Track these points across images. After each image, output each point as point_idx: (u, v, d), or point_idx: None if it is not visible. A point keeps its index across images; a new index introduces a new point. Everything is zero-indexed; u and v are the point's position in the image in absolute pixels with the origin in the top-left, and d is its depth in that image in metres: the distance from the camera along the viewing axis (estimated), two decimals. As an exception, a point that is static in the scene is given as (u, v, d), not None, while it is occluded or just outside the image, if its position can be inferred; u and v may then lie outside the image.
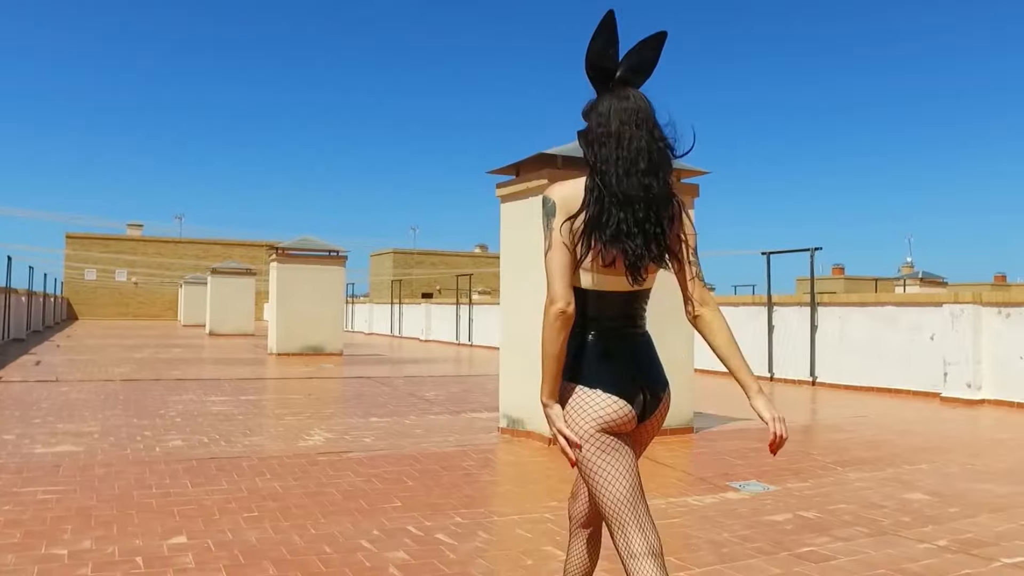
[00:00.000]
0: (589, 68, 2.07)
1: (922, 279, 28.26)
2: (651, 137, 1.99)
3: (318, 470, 5.40)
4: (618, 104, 2.01)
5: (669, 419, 6.82)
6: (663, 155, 2.02)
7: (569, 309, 1.95)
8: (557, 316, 1.94)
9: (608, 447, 1.98)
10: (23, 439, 6.42)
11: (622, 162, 1.96)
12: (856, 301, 11.92)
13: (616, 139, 1.97)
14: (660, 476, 5.65)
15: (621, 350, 2.06)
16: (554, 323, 1.95)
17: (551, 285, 1.96)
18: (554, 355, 1.98)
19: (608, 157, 1.97)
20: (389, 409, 8.80)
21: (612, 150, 1.97)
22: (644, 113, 2.01)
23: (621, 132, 1.98)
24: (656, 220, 1.99)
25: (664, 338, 7.00)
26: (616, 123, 1.99)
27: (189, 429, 7.09)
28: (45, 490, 4.69)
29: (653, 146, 1.99)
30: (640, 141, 1.98)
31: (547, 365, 1.99)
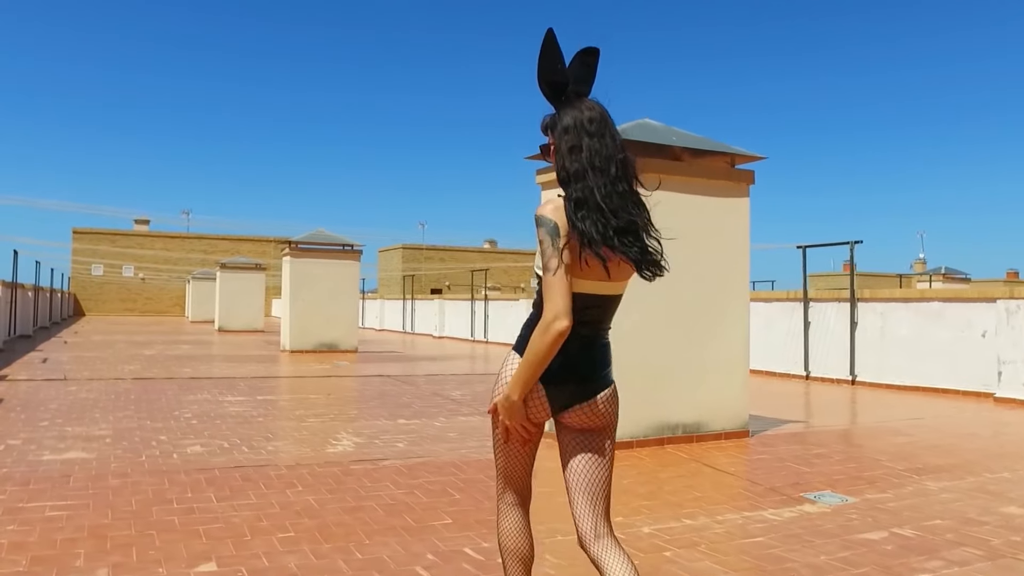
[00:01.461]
0: (543, 85, 2.17)
1: (944, 275, 27.71)
2: (612, 140, 2.10)
3: (354, 481, 4.90)
4: (581, 115, 2.10)
5: (724, 422, 6.28)
6: (625, 156, 2.12)
7: (570, 327, 2.01)
8: (561, 333, 2.00)
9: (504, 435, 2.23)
10: (30, 444, 5.94)
11: (599, 173, 2.05)
12: (899, 296, 11.39)
13: (588, 151, 2.06)
14: (727, 486, 5.16)
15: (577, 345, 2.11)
16: (556, 339, 2.01)
17: (557, 302, 2.00)
18: (542, 366, 2.07)
19: (583, 170, 2.05)
20: (415, 410, 8.31)
21: (585, 162, 2.05)
22: (604, 120, 2.11)
23: (590, 145, 2.06)
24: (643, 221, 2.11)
25: (718, 338, 6.52)
26: (584, 136, 2.07)
27: (207, 433, 6.61)
28: (54, 505, 4.20)
29: (618, 152, 2.09)
30: (608, 149, 2.07)
31: (531, 374, 2.07)
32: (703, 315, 6.51)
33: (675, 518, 4.36)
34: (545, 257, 2.04)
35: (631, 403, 6.22)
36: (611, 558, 2.11)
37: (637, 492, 4.90)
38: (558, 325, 1.98)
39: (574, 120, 2.10)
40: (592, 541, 2.14)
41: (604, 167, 2.06)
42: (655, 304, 6.26)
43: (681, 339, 6.39)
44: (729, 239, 6.70)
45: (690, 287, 6.46)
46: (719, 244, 6.63)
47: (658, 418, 6.26)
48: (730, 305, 6.67)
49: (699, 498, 4.81)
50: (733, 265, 6.72)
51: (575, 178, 2.06)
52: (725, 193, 6.68)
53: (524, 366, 2.08)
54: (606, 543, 2.14)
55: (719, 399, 6.56)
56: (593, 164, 2.05)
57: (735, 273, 6.73)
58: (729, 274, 6.69)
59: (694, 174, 6.51)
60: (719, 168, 6.72)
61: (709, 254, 6.56)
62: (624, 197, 2.08)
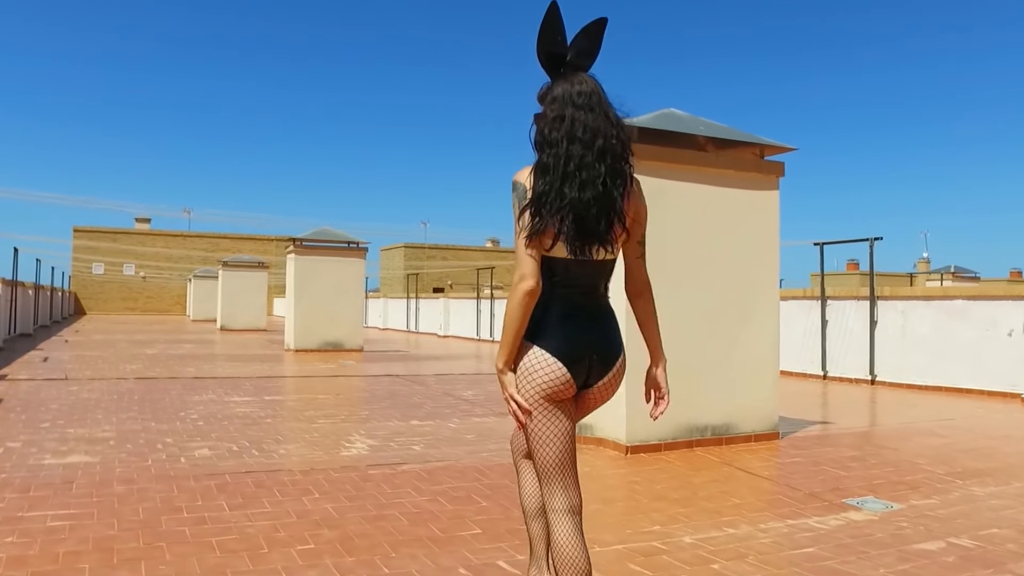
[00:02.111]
0: (541, 56, 2.17)
1: (954, 273, 27.46)
2: (605, 117, 2.08)
3: (373, 487, 4.64)
4: (571, 88, 2.10)
5: (754, 424, 5.98)
6: (618, 133, 2.11)
7: (538, 287, 2.05)
8: (526, 293, 2.04)
9: (547, 413, 2.15)
10: (30, 447, 5.67)
11: (578, 143, 2.04)
12: (921, 294, 11.12)
13: (570, 121, 2.06)
14: (764, 492, 4.89)
15: (579, 315, 2.15)
16: (523, 299, 2.05)
17: (521, 263, 2.05)
18: (517, 329, 2.09)
19: (560, 139, 2.05)
20: (428, 411, 8.05)
21: (566, 131, 2.05)
22: (596, 95, 2.10)
23: (575, 116, 2.06)
24: (609, 200, 2.08)
25: (747, 337, 6.23)
26: (570, 107, 2.07)
27: (215, 435, 6.34)
28: (56, 514, 3.93)
29: (608, 127, 2.08)
30: (595, 121, 2.07)
31: (508, 336, 2.10)
32: (731, 312, 6.24)
33: (716, 527, 4.10)
34: (515, 219, 2.09)
35: (659, 404, 5.99)
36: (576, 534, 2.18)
37: (671, 498, 4.64)
38: (524, 285, 2.04)
39: (563, 92, 2.11)
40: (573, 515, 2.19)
41: (587, 139, 2.05)
42: (683, 300, 6.00)
43: (710, 337, 6.13)
44: (758, 234, 6.43)
45: (718, 283, 6.19)
46: (748, 239, 6.36)
47: (687, 420, 6.00)
48: (759, 302, 6.40)
49: (738, 505, 4.55)
50: (762, 261, 6.45)
51: (549, 144, 2.08)
52: (754, 186, 6.41)
53: (503, 332, 2.13)
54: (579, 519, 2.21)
55: (749, 400, 6.29)
56: (574, 135, 2.05)
57: (764, 269, 6.46)
58: (758, 270, 6.42)
59: (722, 166, 6.25)
60: (747, 160, 6.45)
61: (737, 249, 6.30)
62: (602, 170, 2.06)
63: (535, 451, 2.19)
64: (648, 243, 2.16)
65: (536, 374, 2.12)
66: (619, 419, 5.77)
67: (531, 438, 2.18)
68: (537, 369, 2.11)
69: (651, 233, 5.96)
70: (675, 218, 6.01)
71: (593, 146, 2.05)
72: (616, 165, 2.10)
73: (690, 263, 6.06)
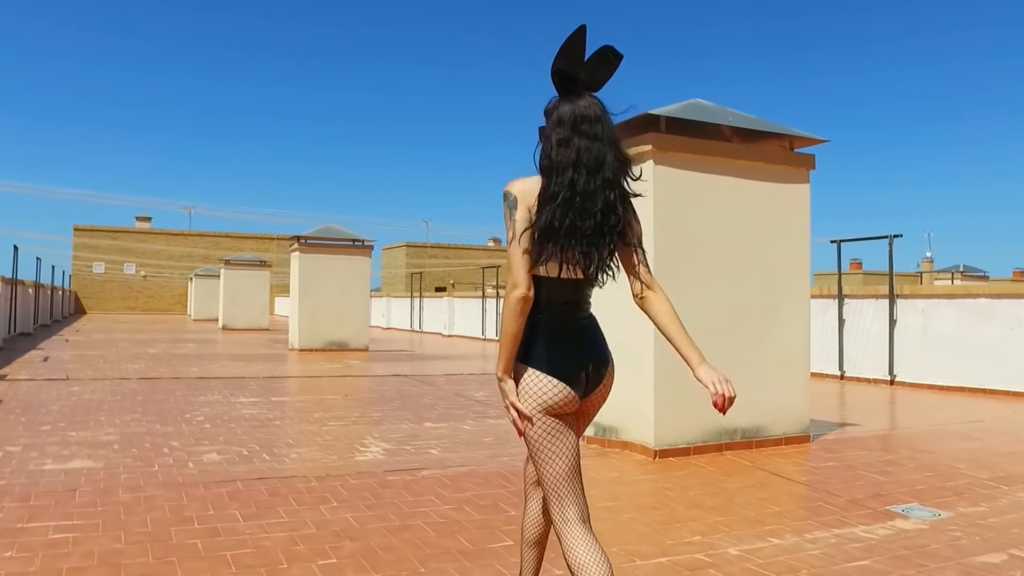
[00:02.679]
0: (555, 73, 2.16)
1: (963, 272, 27.20)
2: (610, 143, 2.10)
3: (393, 495, 4.38)
4: (577, 111, 2.09)
5: (784, 427, 5.67)
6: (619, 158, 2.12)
7: (530, 294, 2.06)
8: (519, 301, 2.05)
9: (552, 429, 2.15)
10: (30, 451, 5.42)
11: (583, 170, 2.05)
12: (942, 293, 10.87)
13: (576, 149, 2.06)
14: (803, 498, 4.64)
15: (568, 332, 2.18)
16: (515, 307, 2.06)
17: (514, 272, 2.06)
18: (514, 336, 2.10)
19: (567, 165, 2.05)
20: (441, 412, 7.80)
21: (572, 159, 2.05)
22: (601, 121, 2.10)
23: (580, 144, 2.06)
24: (610, 227, 2.11)
25: (777, 336, 5.94)
26: (576, 134, 2.07)
27: (222, 438, 6.09)
28: (58, 526, 3.67)
29: (612, 154, 2.09)
30: (599, 149, 2.07)
31: (506, 344, 2.11)
32: (761, 310, 5.99)
33: (759, 537, 3.85)
34: (505, 229, 2.11)
35: (687, 406, 5.73)
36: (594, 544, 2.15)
37: (707, 506, 4.39)
38: (516, 293, 2.04)
39: (569, 114, 2.11)
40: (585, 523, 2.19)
41: (592, 167, 2.07)
42: (713, 296, 5.75)
43: (739, 336, 5.87)
44: (788, 229, 6.17)
45: (748, 280, 5.94)
46: (777, 234, 6.11)
47: (716, 423, 5.74)
48: (790, 300, 6.15)
49: (778, 513, 4.31)
50: (793, 257, 6.20)
51: (557, 170, 2.08)
52: (784, 179, 6.16)
53: (500, 342, 2.13)
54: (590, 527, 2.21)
55: (779, 402, 6.04)
56: (580, 161, 2.06)
57: (795, 266, 6.20)
58: (788, 266, 6.16)
59: (751, 158, 5.99)
60: (777, 152, 6.19)
61: (767, 245, 6.04)
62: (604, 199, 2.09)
63: (543, 466, 2.19)
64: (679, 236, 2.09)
65: (539, 394, 2.13)
66: (646, 422, 5.52)
67: (538, 454, 2.18)
68: (539, 389, 2.13)
69: (682, 226, 5.71)
70: (704, 212, 5.76)
71: (598, 174, 2.08)
72: (620, 191, 2.13)
73: (720, 258, 5.81)
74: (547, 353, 2.14)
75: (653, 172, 5.52)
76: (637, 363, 5.60)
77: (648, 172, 5.55)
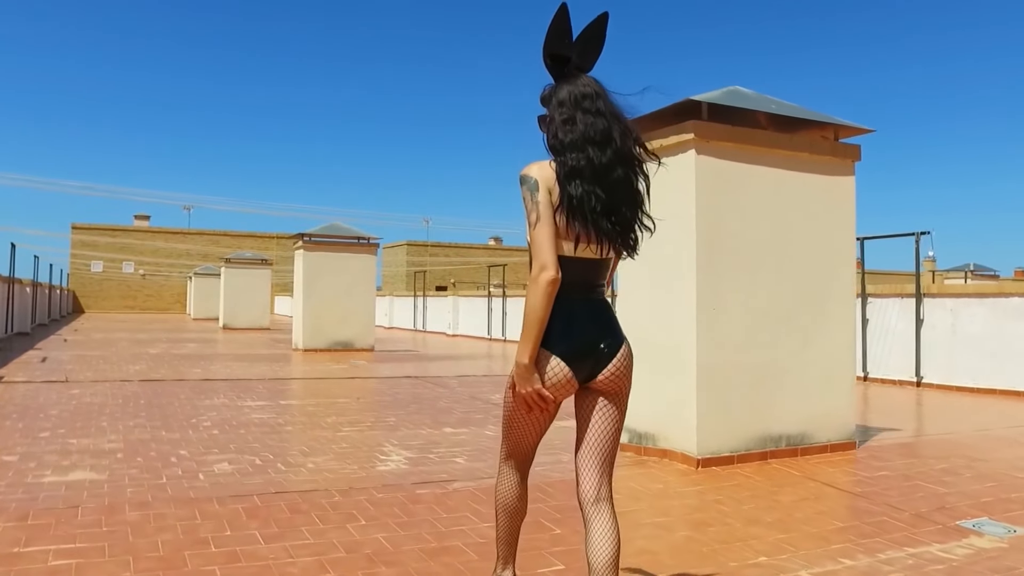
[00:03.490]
0: (546, 57, 2.19)
1: (972, 272, 26.83)
2: (614, 118, 2.13)
3: (425, 511, 4.01)
4: (575, 90, 2.14)
5: (830, 433, 5.36)
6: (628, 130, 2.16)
7: (559, 276, 2.06)
8: (549, 283, 2.05)
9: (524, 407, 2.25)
10: (28, 461, 5.04)
11: (595, 147, 2.08)
12: (972, 292, 10.53)
13: (582, 125, 2.09)
14: (865, 512, 4.28)
15: (581, 313, 2.18)
16: (545, 289, 2.05)
17: (541, 254, 2.05)
18: (542, 320, 2.07)
19: (574, 143, 2.09)
20: (459, 416, 7.43)
21: (581, 134, 2.09)
22: (602, 97, 2.14)
23: (584, 120, 2.10)
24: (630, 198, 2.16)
25: (822, 337, 5.52)
26: (578, 110, 2.11)
27: (233, 446, 5.72)
28: (59, 550, 3.29)
29: (615, 126, 2.12)
30: (603, 122, 2.11)
31: (534, 330, 2.08)
32: (806, 309, 5.63)
33: (829, 557, 3.51)
34: (527, 213, 2.09)
35: (731, 412, 5.37)
36: (603, 523, 2.15)
37: (765, 522, 4.03)
38: (545, 276, 2.03)
39: (569, 94, 2.13)
40: (593, 502, 2.18)
41: (601, 140, 2.08)
42: (756, 296, 5.39)
43: (784, 337, 5.51)
44: (833, 224, 5.81)
45: (792, 277, 5.58)
46: (823, 230, 5.75)
47: (760, 429, 5.39)
48: (835, 298, 5.79)
49: (842, 529, 3.96)
50: (838, 254, 5.84)
51: (571, 148, 2.09)
52: (828, 171, 5.80)
53: (525, 326, 2.09)
54: (604, 508, 2.18)
55: (825, 406, 5.68)
56: (589, 137, 2.08)
57: (841, 263, 5.84)
58: (834, 264, 5.80)
59: (795, 148, 5.63)
60: (822, 142, 5.83)
61: (812, 241, 5.69)
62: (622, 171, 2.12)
63: (507, 431, 2.37)
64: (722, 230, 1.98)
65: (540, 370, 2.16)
66: (688, 429, 5.16)
67: (508, 420, 2.33)
68: (540, 365, 2.15)
69: (725, 219, 5.34)
70: (747, 204, 5.40)
71: (607, 148, 2.09)
72: (632, 165, 2.15)
73: (764, 254, 5.45)
74: (557, 333, 2.15)
75: (695, 162, 5.17)
76: (677, 364, 5.24)
77: (689, 162, 5.19)
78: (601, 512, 2.16)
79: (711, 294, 5.18)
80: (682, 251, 5.22)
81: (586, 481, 2.20)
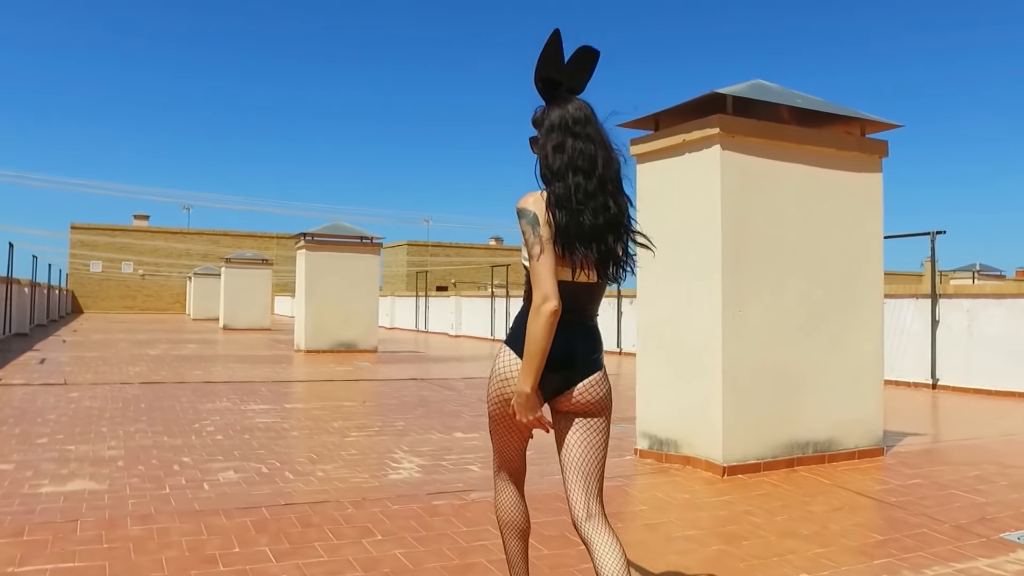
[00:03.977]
0: (538, 81, 2.23)
1: (978, 272, 26.64)
2: (602, 145, 2.17)
3: (444, 524, 3.80)
4: (567, 114, 2.16)
5: (857, 439, 5.12)
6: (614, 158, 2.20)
7: (560, 307, 2.07)
8: (551, 313, 2.06)
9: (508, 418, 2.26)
10: (24, 470, 4.83)
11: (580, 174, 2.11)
12: (990, 292, 10.32)
13: (571, 151, 2.12)
14: (903, 524, 4.07)
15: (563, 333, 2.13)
16: (548, 320, 2.06)
17: (544, 285, 2.07)
18: (544, 351, 2.08)
19: (561, 171, 2.12)
20: (469, 421, 7.22)
21: (567, 162, 2.11)
22: (592, 122, 2.17)
23: (574, 145, 2.12)
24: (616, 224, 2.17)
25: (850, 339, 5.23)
26: (568, 136, 2.14)
27: (238, 453, 5.51)
28: (57, 569, 3.07)
29: (603, 152, 2.16)
30: (591, 149, 2.14)
31: (536, 359, 2.09)
32: (834, 310, 5.42)
33: (873, 574, 3.31)
34: (528, 246, 2.11)
35: (758, 417, 5.15)
36: (601, 538, 2.12)
37: (802, 534, 3.83)
38: (548, 307, 2.04)
39: (560, 119, 2.15)
40: (584, 521, 2.17)
41: (587, 168, 2.11)
42: (784, 298, 5.19)
43: (812, 339, 5.31)
44: (861, 223, 5.61)
45: (821, 279, 5.38)
46: (850, 229, 5.54)
47: (787, 435, 5.18)
48: (863, 299, 5.58)
49: (882, 543, 3.75)
50: (865, 251, 5.63)
51: (557, 176, 2.12)
52: (855, 167, 5.59)
53: (527, 356, 2.10)
54: (597, 523, 2.16)
55: (852, 411, 5.47)
56: (575, 164, 2.11)
57: (868, 264, 5.64)
58: (862, 265, 5.60)
59: (821, 143, 5.43)
60: (848, 137, 5.63)
61: (839, 241, 5.48)
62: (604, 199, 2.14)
63: (494, 440, 2.39)
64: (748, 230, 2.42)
65: (505, 382, 2.21)
66: (713, 435, 4.95)
67: (494, 430, 2.35)
68: (507, 377, 2.21)
69: (751, 218, 5.13)
70: (773, 202, 5.20)
71: (593, 175, 2.12)
72: (616, 189, 2.18)
73: (792, 255, 5.25)
74: None
75: (720, 158, 4.96)
76: (701, 367, 5.04)
77: (714, 158, 4.99)
78: (597, 528, 2.15)
79: (737, 294, 4.97)
80: (706, 249, 5.01)
81: (573, 502, 2.20)
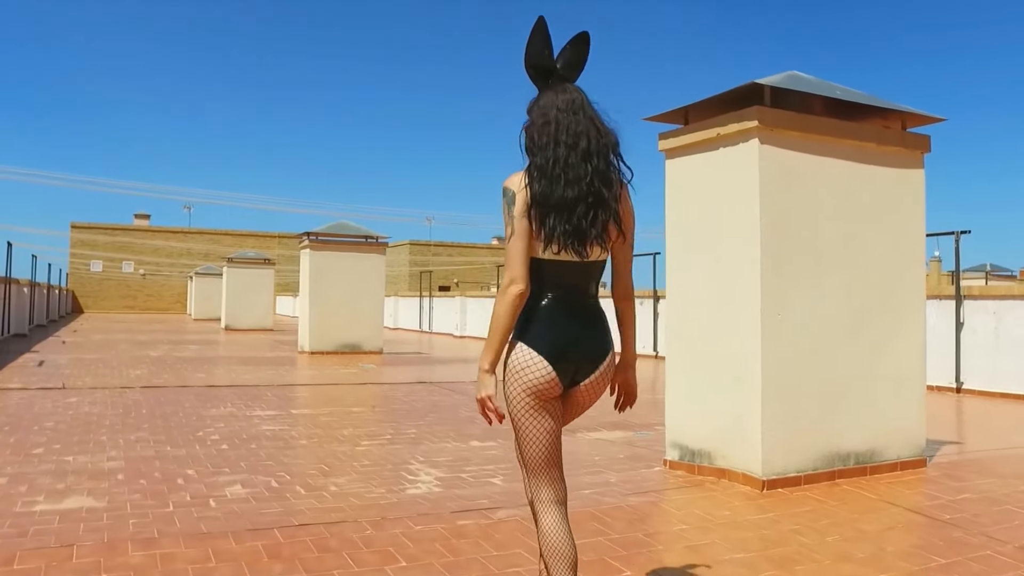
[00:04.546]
0: (529, 68, 2.25)
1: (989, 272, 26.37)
2: (590, 122, 2.17)
3: (473, 548, 3.50)
4: (556, 97, 2.19)
5: (899, 449, 4.80)
6: (603, 136, 2.18)
7: (527, 290, 2.12)
8: (516, 296, 2.10)
9: (532, 409, 2.20)
10: (18, 484, 4.53)
11: (562, 146, 2.12)
12: (1018, 294, 10.01)
13: (555, 125, 2.14)
14: (962, 545, 3.77)
15: (568, 315, 2.19)
16: (512, 302, 2.10)
17: (512, 267, 2.11)
18: (504, 330, 2.13)
19: (548, 142, 2.13)
20: (484, 428, 6.91)
21: (552, 135, 2.13)
22: (580, 102, 2.19)
23: (559, 119, 2.14)
24: (599, 200, 2.14)
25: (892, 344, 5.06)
26: (554, 112, 2.16)
27: (244, 464, 5.22)
28: (51, 604, 2.79)
29: (592, 130, 2.16)
30: (579, 126, 2.14)
31: (496, 339, 2.14)
32: (875, 314, 5.13)
33: (945, 607, 3.00)
34: (504, 225, 2.15)
35: (798, 427, 4.80)
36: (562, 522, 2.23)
37: (856, 558, 3.53)
38: (513, 289, 2.09)
39: (549, 100, 2.19)
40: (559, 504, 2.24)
41: (572, 142, 2.12)
42: (825, 302, 4.89)
43: (852, 344, 5.01)
44: (902, 221, 5.31)
45: (860, 279, 5.08)
46: (891, 228, 5.25)
47: (828, 446, 4.88)
48: (905, 302, 5.29)
49: (946, 567, 3.46)
50: (907, 253, 5.33)
51: (540, 148, 2.14)
52: (896, 163, 5.30)
53: (489, 334, 2.14)
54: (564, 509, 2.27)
55: (894, 420, 5.18)
56: (559, 138, 2.12)
57: (910, 264, 5.34)
58: (903, 265, 5.30)
59: (862, 137, 5.13)
60: (889, 131, 5.33)
61: (881, 240, 5.18)
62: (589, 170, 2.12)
63: (522, 445, 2.26)
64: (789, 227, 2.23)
65: (523, 372, 2.16)
66: (752, 445, 4.65)
67: (519, 432, 2.25)
68: (524, 367, 2.16)
69: (791, 215, 4.83)
70: (814, 199, 4.91)
71: (577, 147, 2.12)
72: (602, 166, 2.15)
73: (833, 254, 4.96)
74: (541, 331, 2.16)
75: (759, 152, 4.66)
76: (739, 374, 4.74)
77: (752, 152, 4.69)
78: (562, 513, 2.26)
79: (776, 297, 4.67)
80: (743, 249, 4.72)
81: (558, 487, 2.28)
